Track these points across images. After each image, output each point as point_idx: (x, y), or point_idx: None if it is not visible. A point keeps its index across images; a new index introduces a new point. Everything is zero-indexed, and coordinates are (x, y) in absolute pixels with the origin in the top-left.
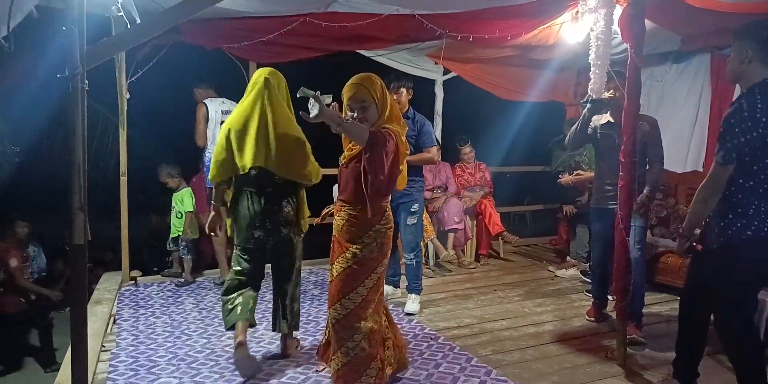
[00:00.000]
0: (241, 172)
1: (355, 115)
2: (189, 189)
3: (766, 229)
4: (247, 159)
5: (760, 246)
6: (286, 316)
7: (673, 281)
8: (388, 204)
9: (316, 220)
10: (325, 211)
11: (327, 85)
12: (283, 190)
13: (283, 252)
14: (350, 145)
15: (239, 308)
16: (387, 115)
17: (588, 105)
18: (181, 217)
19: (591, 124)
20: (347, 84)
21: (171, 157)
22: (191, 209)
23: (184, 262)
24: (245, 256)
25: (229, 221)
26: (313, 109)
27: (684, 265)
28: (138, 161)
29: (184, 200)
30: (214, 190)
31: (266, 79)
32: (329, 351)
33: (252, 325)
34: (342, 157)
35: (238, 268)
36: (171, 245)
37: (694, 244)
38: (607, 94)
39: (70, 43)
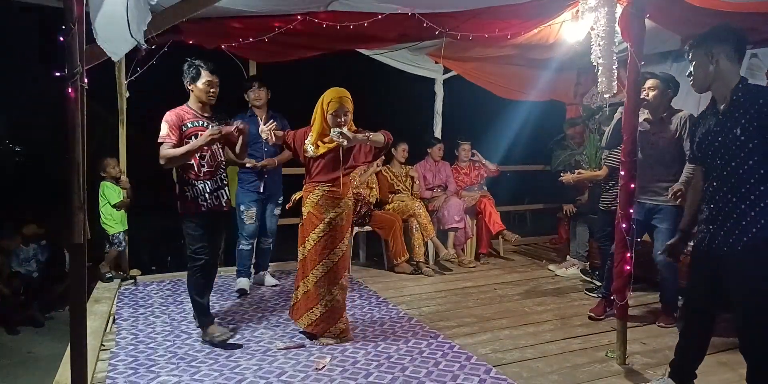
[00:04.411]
0: None
1: (342, 120)
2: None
3: None
4: None
5: None
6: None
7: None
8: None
9: (288, 205)
10: (295, 196)
11: (327, 84)
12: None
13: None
14: (327, 141)
15: None
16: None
17: (620, 108)
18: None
19: None
20: (334, 96)
21: None
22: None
23: (122, 257)
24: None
25: None
26: (345, 140)
27: (685, 264)
28: (137, 160)
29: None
30: None
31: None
32: (299, 311)
33: None
34: (315, 150)
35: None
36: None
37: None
38: (641, 95)
39: (70, 42)
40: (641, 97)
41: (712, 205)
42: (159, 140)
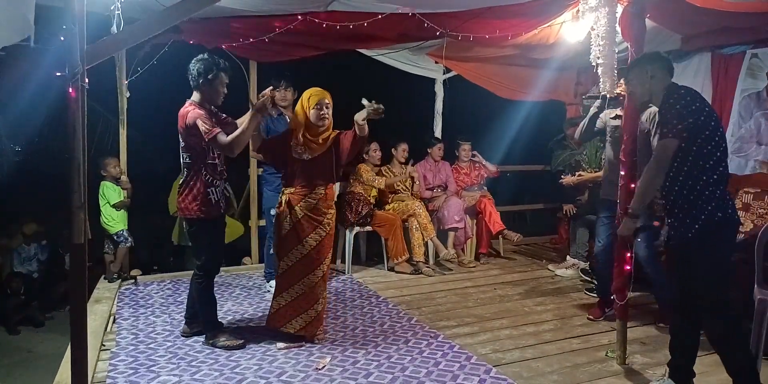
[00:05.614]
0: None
1: (324, 113)
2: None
3: (729, 211)
4: None
5: (730, 226)
6: None
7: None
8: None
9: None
10: (281, 200)
11: (327, 84)
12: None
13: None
14: (321, 142)
15: None
16: None
17: (596, 102)
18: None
19: (601, 118)
20: (314, 91)
21: (170, 156)
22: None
23: (122, 254)
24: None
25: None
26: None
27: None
28: (137, 160)
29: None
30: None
31: None
32: (287, 315)
33: None
34: (306, 154)
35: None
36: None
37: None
38: (618, 90)
39: (70, 41)
40: (617, 92)
41: (665, 201)
42: (209, 136)
